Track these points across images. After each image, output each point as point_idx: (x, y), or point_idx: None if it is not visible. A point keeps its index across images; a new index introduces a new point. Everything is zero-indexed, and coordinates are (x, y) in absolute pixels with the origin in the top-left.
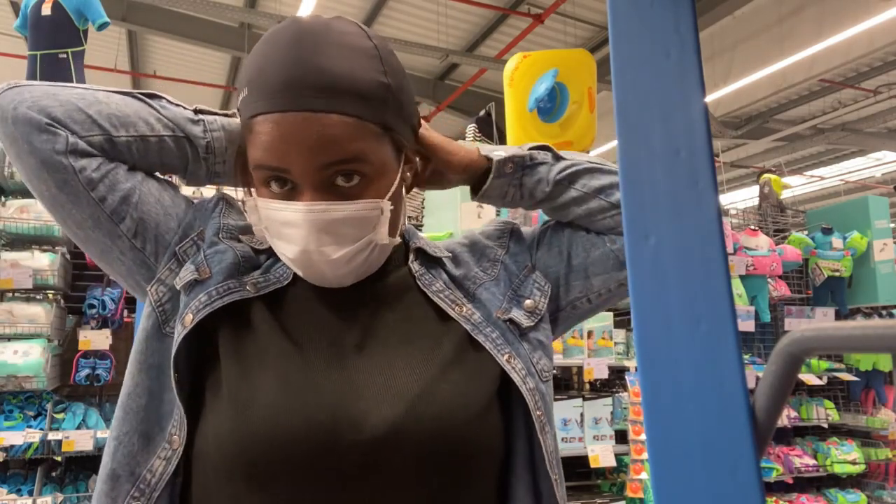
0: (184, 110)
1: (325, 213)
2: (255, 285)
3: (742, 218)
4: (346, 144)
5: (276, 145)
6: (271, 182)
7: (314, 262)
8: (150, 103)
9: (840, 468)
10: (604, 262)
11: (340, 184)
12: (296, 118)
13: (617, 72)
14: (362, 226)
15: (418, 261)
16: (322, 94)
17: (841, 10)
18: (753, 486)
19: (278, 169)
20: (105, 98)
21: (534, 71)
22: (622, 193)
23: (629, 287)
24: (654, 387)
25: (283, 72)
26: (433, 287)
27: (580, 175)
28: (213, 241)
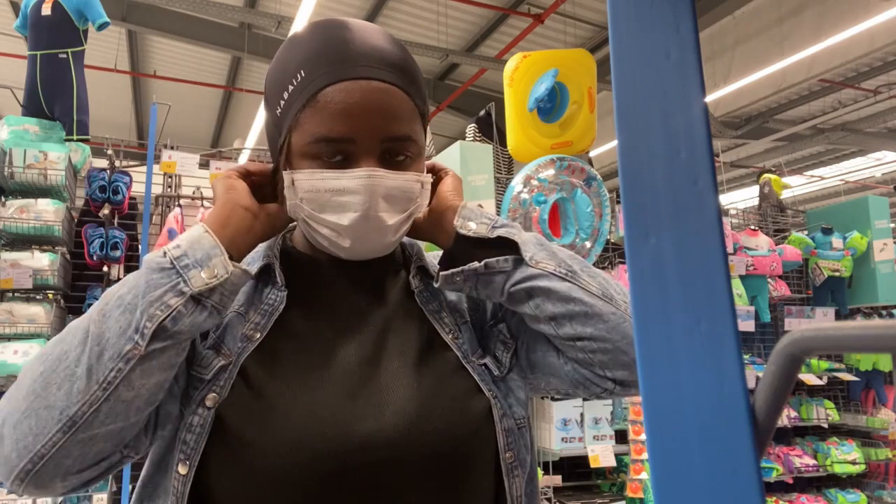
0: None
1: (384, 179)
2: (256, 327)
3: (742, 218)
4: (406, 122)
5: (343, 114)
6: (323, 156)
7: (369, 229)
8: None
9: (840, 468)
10: (557, 374)
11: (389, 158)
12: (361, 85)
13: (617, 72)
14: (409, 197)
15: (417, 277)
16: (390, 68)
17: (841, 10)
18: (753, 486)
19: (342, 139)
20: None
21: (534, 71)
22: (622, 193)
23: (629, 287)
24: (654, 387)
25: (347, 47)
26: (430, 306)
27: (536, 293)
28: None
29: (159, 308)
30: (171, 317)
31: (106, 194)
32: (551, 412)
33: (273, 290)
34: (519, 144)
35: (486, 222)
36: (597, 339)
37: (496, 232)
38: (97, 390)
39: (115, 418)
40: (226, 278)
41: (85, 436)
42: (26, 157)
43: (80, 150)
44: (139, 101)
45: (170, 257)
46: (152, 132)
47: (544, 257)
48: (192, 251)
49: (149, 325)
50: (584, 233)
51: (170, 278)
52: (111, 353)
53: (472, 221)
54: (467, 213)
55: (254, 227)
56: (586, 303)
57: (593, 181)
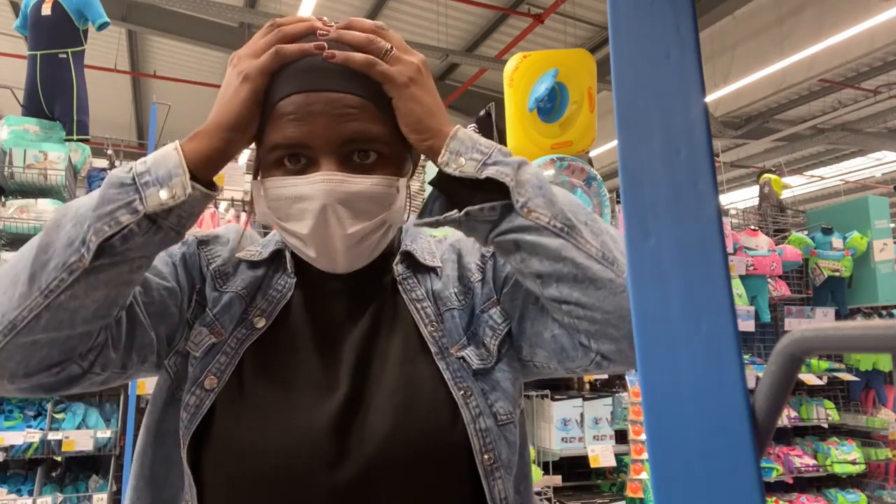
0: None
1: (342, 184)
2: (262, 314)
3: (742, 218)
4: (364, 123)
5: (297, 120)
6: (285, 161)
7: (328, 238)
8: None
9: (840, 468)
10: (546, 344)
11: (357, 161)
12: (319, 96)
13: (617, 72)
14: (378, 202)
15: (404, 264)
16: (343, 76)
17: (841, 10)
18: (753, 486)
19: (297, 144)
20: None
21: (534, 71)
22: (622, 193)
23: (629, 287)
24: (654, 387)
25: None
26: (413, 294)
27: (523, 246)
28: (214, 298)
29: (108, 223)
30: (121, 234)
31: None
32: (551, 412)
33: (283, 276)
34: (519, 144)
35: (477, 158)
36: (585, 305)
37: (486, 171)
38: (38, 296)
39: (59, 326)
40: (183, 200)
41: (26, 340)
42: (26, 157)
43: (80, 150)
44: (139, 101)
45: (133, 173)
46: (152, 132)
47: (539, 205)
48: (156, 168)
49: (94, 239)
50: None
51: (127, 195)
52: (56, 262)
53: (462, 156)
54: (457, 145)
55: (240, 146)
56: (579, 264)
57: (593, 181)
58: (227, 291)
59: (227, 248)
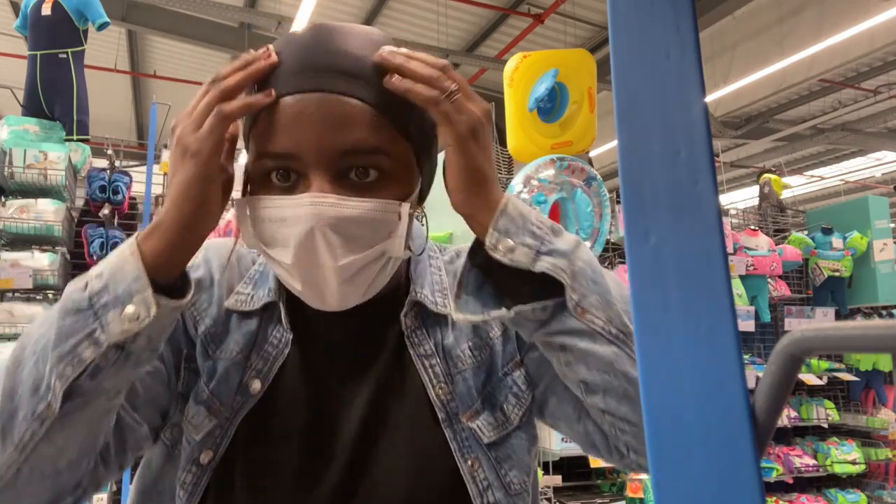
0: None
1: (335, 208)
2: (258, 375)
3: (742, 218)
4: (366, 132)
5: (285, 127)
6: (272, 175)
7: (316, 269)
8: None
9: (840, 468)
10: (573, 428)
11: (354, 179)
12: (311, 98)
13: (617, 72)
14: (377, 230)
15: (411, 315)
16: (342, 76)
17: (841, 10)
18: (753, 486)
19: (285, 154)
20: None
21: (534, 71)
22: (622, 193)
23: (629, 287)
24: (653, 387)
25: (298, 56)
26: (421, 349)
27: (570, 350)
28: (209, 367)
29: (69, 363)
30: (88, 373)
31: (106, 194)
32: None
33: (279, 328)
34: (519, 144)
35: (530, 244)
36: (633, 423)
37: (541, 264)
38: (13, 451)
39: (42, 475)
40: (149, 322)
41: (9, 495)
42: (26, 157)
43: (80, 150)
44: (139, 101)
45: (89, 292)
46: (152, 132)
47: (594, 304)
48: (114, 283)
49: (58, 385)
50: (584, 233)
51: (85, 323)
52: (24, 412)
53: (511, 237)
54: (506, 223)
55: (208, 228)
56: (632, 379)
57: (593, 181)
58: (222, 358)
59: (213, 298)
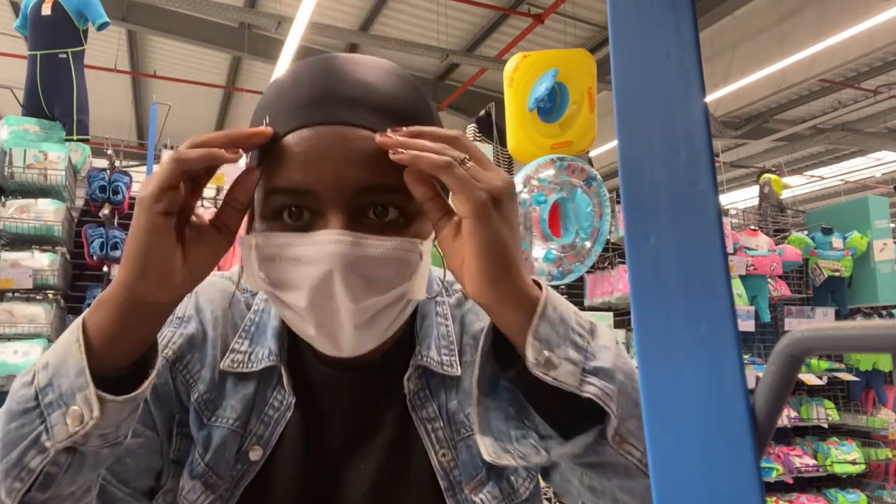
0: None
1: (355, 247)
2: (258, 442)
3: (742, 218)
4: (386, 168)
5: (302, 162)
6: (283, 213)
7: (333, 311)
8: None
9: (840, 468)
10: (570, 497)
11: (373, 217)
12: (326, 131)
13: (617, 72)
14: (398, 271)
15: (414, 377)
16: (362, 107)
17: (841, 10)
18: (753, 486)
19: (300, 190)
20: None
21: (534, 71)
22: (622, 193)
23: (629, 287)
24: (654, 387)
25: (314, 85)
26: (423, 413)
27: (597, 474)
28: (203, 437)
29: (18, 477)
30: (38, 485)
31: (106, 194)
32: None
33: (280, 392)
34: (519, 144)
35: (574, 358)
36: None
37: (588, 389)
38: None
39: None
40: (94, 423)
41: None
42: (26, 157)
43: (80, 150)
44: (139, 101)
45: (34, 387)
46: (152, 132)
47: (632, 431)
48: (57, 376)
49: (9, 502)
50: (584, 233)
51: (31, 426)
52: None
53: (553, 350)
54: (546, 330)
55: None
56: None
57: (593, 181)
58: (218, 426)
59: (207, 359)
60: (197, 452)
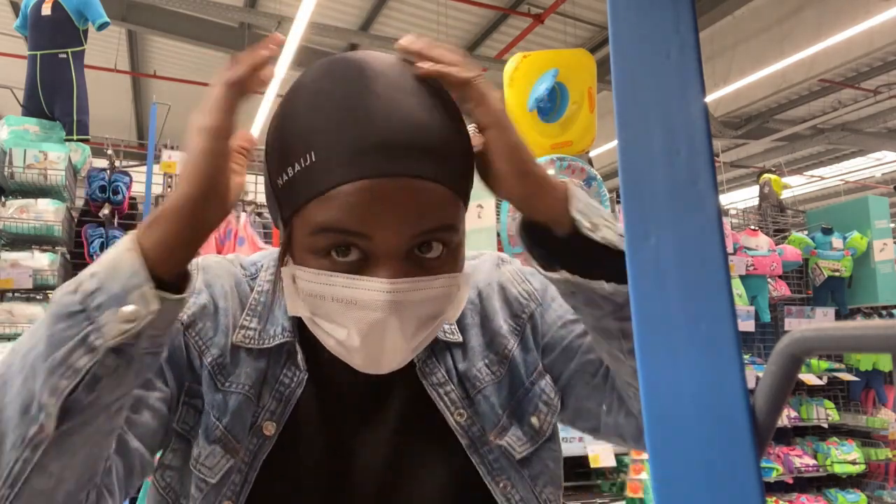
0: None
1: (410, 294)
2: (272, 417)
3: (742, 218)
4: (443, 214)
5: (358, 209)
6: (332, 252)
7: (383, 348)
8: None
9: (840, 468)
10: (601, 424)
11: (418, 255)
12: (386, 183)
13: (617, 72)
14: (440, 304)
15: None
16: (415, 155)
17: (841, 11)
18: (753, 486)
19: (356, 233)
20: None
21: (534, 71)
22: (622, 193)
23: (629, 287)
24: (653, 387)
25: (368, 130)
26: (433, 378)
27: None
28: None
29: (63, 375)
30: (85, 384)
31: (106, 194)
32: None
33: (291, 369)
34: None
35: (610, 225)
36: None
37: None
38: (2, 488)
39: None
40: (151, 319)
41: None
42: (26, 157)
43: (80, 150)
44: (139, 101)
45: (81, 293)
46: (152, 132)
47: None
48: (108, 281)
49: (52, 402)
50: None
51: (78, 327)
52: (13, 438)
53: (592, 218)
54: (580, 204)
55: (217, 216)
56: None
57: (593, 181)
58: (233, 391)
59: (220, 326)
60: (213, 417)
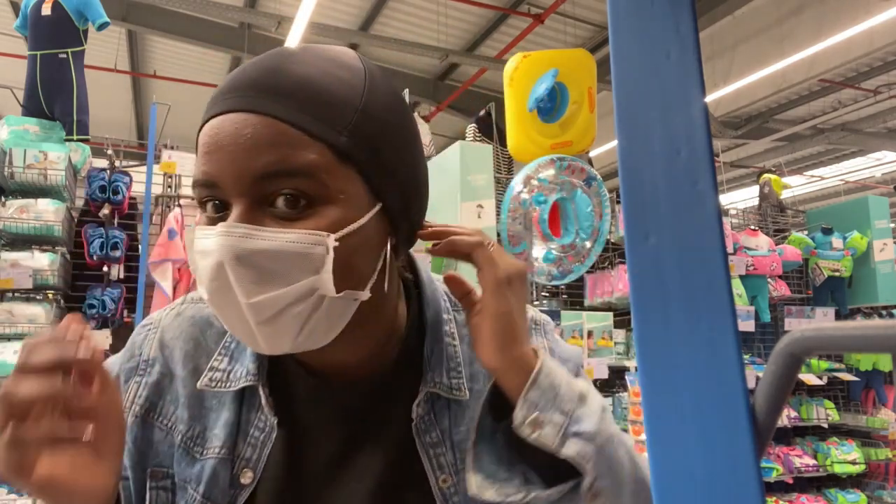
0: None
1: (244, 240)
2: (247, 465)
3: (742, 218)
4: (286, 151)
5: (205, 152)
6: (207, 205)
7: (230, 306)
8: None
9: (840, 468)
10: None
11: (281, 208)
12: (231, 118)
13: (617, 72)
14: (300, 265)
15: (425, 404)
16: (260, 93)
17: (841, 10)
18: (753, 486)
19: (206, 182)
20: None
21: (534, 71)
22: (622, 193)
23: (629, 287)
24: (654, 387)
25: (231, 79)
26: (427, 437)
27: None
28: (195, 474)
29: None
30: None
31: (106, 194)
32: None
33: (261, 415)
34: (519, 144)
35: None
36: None
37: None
38: None
39: None
40: None
41: None
42: (26, 157)
43: (80, 150)
44: (139, 101)
45: None
46: (152, 132)
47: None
48: None
49: None
50: (584, 233)
51: None
52: None
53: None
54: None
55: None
56: None
57: (593, 181)
58: (209, 458)
59: (179, 399)
60: (190, 489)
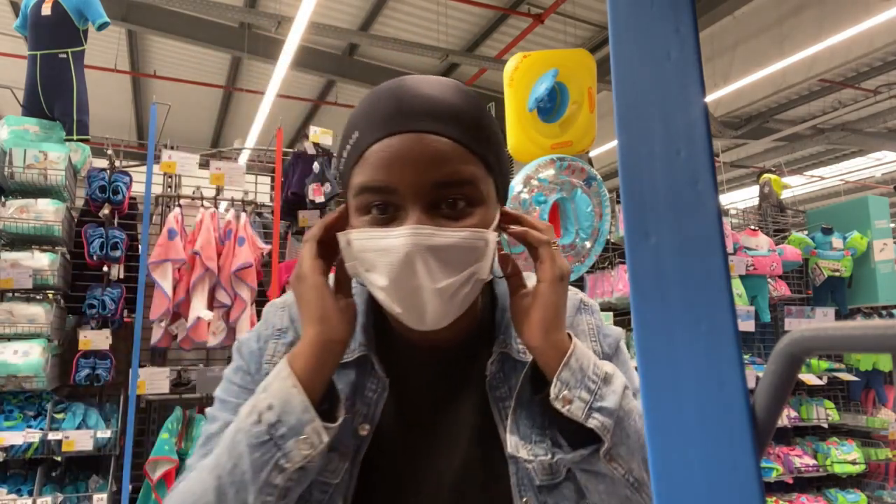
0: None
1: (431, 238)
2: (364, 419)
3: (742, 218)
4: (457, 165)
5: (384, 164)
6: (372, 209)
7: (416, 290)
8: None
9: (840, 468)
10: None
11: (445, 210)
12: (405, 138)
13: (617, 72)
14: (468, 255)
15: (498, 363)
16: (430, 117)
17: (841, 11)
18: (753, 486)
19: (384, 188)
20: None
21: (534, 71)
22: (622, 193)
23: (629, 287)
24: (653, 387)
25: (390, 103)
26: (498, 392)
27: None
28: None
29: (270, 493)
30: (281, 495)
31: (106, 194)
32: None
33: (373, 379)
34: (519, 144)
35: (585, 398)
36: None
37: (592, 421)
38: None
39: None
40: (323, 447)
41: None
42: (26, 157)
43: (80, 150)
44: (139, 101)
45: (265, 424)
46: (152, 132)
47: (622, 454)
48: (285, 415)
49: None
50: (584, 233)
51: (270, 454)
52: None
53: (571, 390)
54: (568, 375)
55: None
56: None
57: (593, 181)
58: None
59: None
60: None
